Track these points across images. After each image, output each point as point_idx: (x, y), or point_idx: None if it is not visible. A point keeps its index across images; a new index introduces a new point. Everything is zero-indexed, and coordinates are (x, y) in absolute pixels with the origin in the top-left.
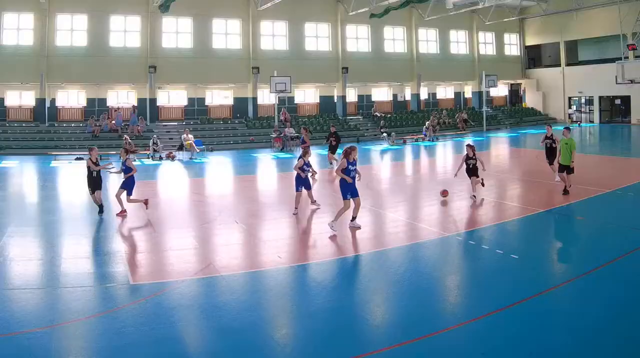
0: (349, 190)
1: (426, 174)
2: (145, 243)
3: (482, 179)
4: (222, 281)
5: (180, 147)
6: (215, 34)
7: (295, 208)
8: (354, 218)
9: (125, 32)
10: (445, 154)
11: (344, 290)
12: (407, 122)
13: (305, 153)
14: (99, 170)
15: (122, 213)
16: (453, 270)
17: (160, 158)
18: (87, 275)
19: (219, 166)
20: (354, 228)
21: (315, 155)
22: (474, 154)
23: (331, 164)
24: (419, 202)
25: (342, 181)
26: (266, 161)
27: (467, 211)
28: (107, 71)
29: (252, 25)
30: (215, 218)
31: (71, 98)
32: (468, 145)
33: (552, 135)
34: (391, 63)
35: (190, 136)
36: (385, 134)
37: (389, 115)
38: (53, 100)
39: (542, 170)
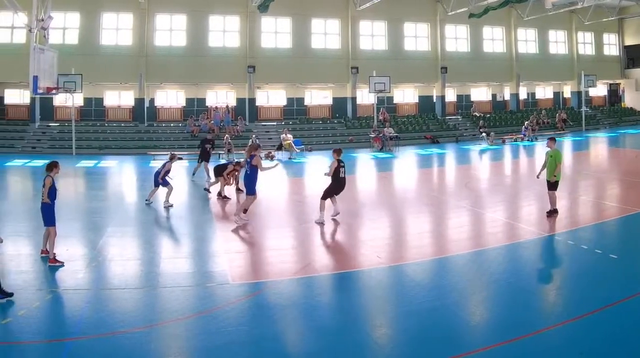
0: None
1: (525, 173)
2: (244, 243)
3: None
4: (321, 281)
5: (280, 147)
6: (314, 34)
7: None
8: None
9: (224, 32)
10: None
11: (442, 290)
12: (506, 121)
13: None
14: None
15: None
16: (551, 270)
17: (260, 157)
18: (186, 274)
19: (318, 166)
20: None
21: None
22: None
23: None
24: (518, 202)
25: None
26: (365, 161)
27: (566, 211)
28: (205, 71)
29: (351, 25)
30: (314, 219)
31: (170, 98)
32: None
33: None
34: (490, 63)
35: (290, 136)
36: (484, 134)
37: (488, 115)
38: (152, 100)
39: None
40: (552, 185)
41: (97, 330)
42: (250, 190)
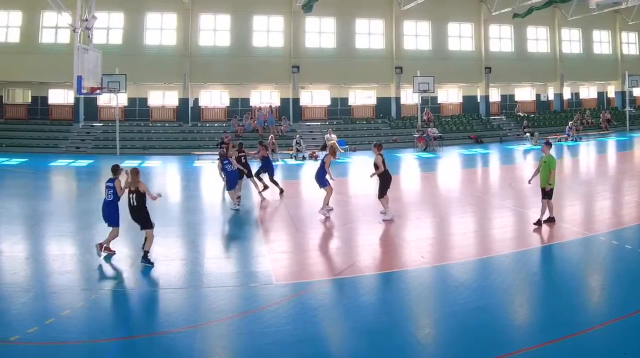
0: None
1: (570, 173)
2: (288, 243)
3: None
4: (365, 281)
5: (323, 147)
6: (358, 34)
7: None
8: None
9: (268, 32)
10: (589, 154)
11: (486, 290)
12: (550, 122)
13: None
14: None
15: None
16: (595, 270)
17: (303, 158)
18: (230, 275)
19: (362, 166)
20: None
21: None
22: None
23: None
24: (562, 202)
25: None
26: (409, 161)
27: (609, 211)
28: (249, 71)
29: (395, 25)
30: (358, 219)
31: (214, 98)
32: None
33: None
34: (534, 63)
35: (334, 136)
36: (528, 134)
37: (532, 115)
38: (196, 100)
39: None
40: (547, 194)
41: (142, 330)
42: (324, 183)
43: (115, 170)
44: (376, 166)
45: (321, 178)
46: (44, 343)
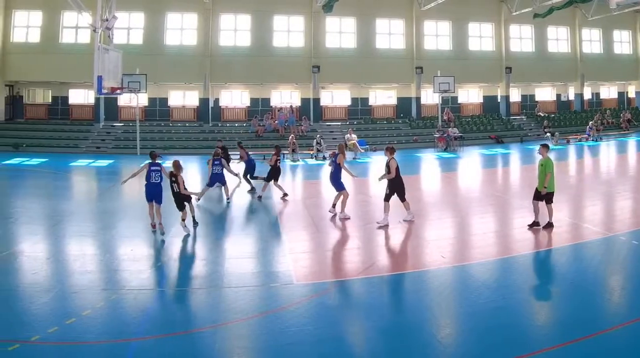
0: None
1: (590, 173)
2: (308, 243)
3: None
4: (385, 281)
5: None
6: (379, 34)
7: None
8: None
9: (288, 32)
10: (609, 154)
11: (506, 289)
12: (571, 121)
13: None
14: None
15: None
16: (616, 270)
17: (324, 158)
18: (251, 275)
19: (383, 166)
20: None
21: None
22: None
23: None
24: (582, 202)
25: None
26: (429, 161)
27: (630, 211)
28: (270, 71)
29: (416, 25)
30: (378, 218)
31: (234, 98)
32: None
33: None
34: (554, 63)
35: (354, 136)
36: (548, 134)
37: (552, 115)
38: (217, 100)
39: None
40: (542, 197)
41: (161, 330)
42: (340, 186)
43: (154, 155)
44: (388, 168)
45: (337, 181)
46: (64, 343)
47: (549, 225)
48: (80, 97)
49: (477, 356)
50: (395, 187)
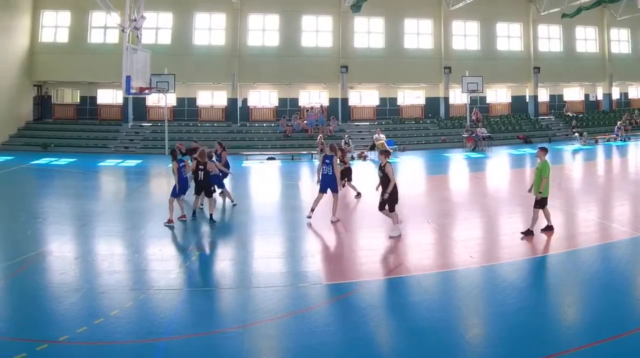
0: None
1: (619, 173)
2: (337, 243)
3: None
4: (413, 281)
5: (372, 147)
6: (407, 34)
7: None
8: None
9: (317, 32)
10: (637, 154)
11: (534, 290)
12: (599, 121)
13: None
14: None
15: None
16: None
17: (352, 158)
18: (279, 275)
19: (411, 166)
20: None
21: None
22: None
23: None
24: (611, 202)
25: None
26: (458, 161)
27: None
28: (298, 71)
29: (444, 25)
30: (406, 219)
31: (263, 98)
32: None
33: None
34: (583, 63)
35: (382, 136)
36: (577, 134)
37: (580, 115)
38: (245, 100)
39: None
40: (538, 203)
41: (189, 330)
42: (336, 189)
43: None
44: (384, 174)
45: (333, 182)
46: (93, 343)
47: (549, 228)
48: (109, 97)
49: (505, 356)
50: (390, 194)
